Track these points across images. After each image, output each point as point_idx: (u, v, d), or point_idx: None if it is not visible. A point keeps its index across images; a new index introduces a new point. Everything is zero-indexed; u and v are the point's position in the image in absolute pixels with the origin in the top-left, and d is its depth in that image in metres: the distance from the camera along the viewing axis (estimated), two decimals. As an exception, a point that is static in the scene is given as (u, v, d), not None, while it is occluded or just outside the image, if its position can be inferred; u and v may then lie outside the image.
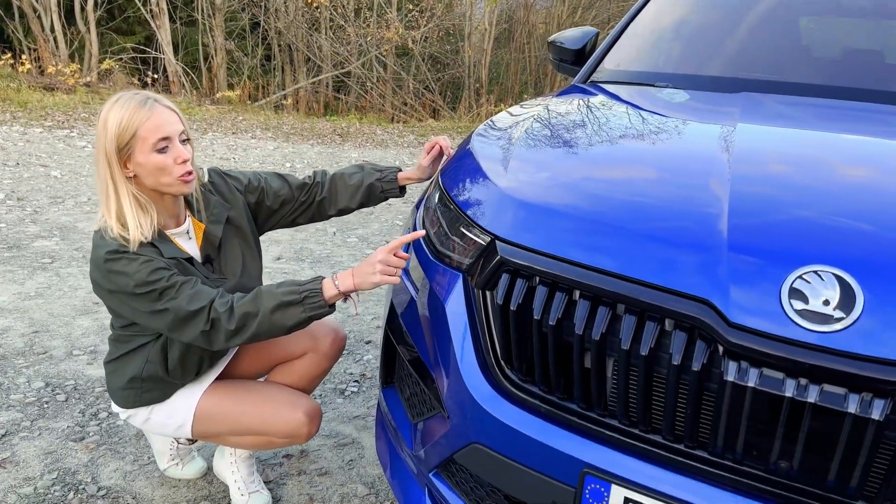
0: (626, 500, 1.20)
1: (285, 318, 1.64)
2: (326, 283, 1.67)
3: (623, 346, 1.19)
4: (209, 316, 1.65)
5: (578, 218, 1.34)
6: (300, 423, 1.89)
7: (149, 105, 1.69)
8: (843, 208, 1.27)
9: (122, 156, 1.69)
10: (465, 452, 1.41)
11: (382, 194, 2.11)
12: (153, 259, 1.68)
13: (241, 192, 2.01)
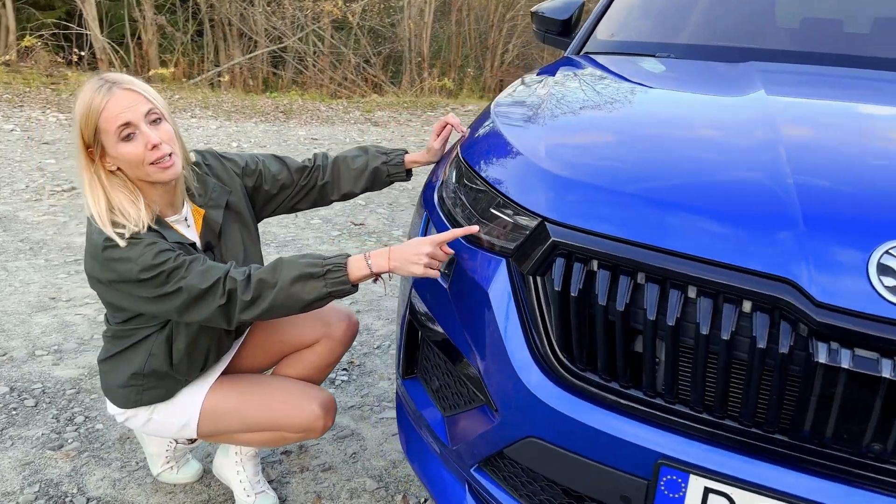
0: (706, 490, 1.16)
1: (304, 292, 1.52)
2: (354, 260, 1.54)
3: (702, 330, 1.13)
4: (224, 288, 1.52)
5: (640, 197, 1.27)
6: (315, 416, 1.79)
7: (104, 91, 1.52)
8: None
9: (95, 151, 1.55)
10: (518, 447, 1.34)
11: (388, 178, 2.00)
12: (156, 241, 1.55)
13: (238, 175, 1.87)
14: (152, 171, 1.58)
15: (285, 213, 2.01)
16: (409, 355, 1.73)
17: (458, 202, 1.61)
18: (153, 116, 1.58)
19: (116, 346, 1.77)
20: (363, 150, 2.01)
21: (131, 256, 1.53)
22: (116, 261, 1.54)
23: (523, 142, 1.53)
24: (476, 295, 1.42)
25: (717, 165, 1.33)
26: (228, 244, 1.81)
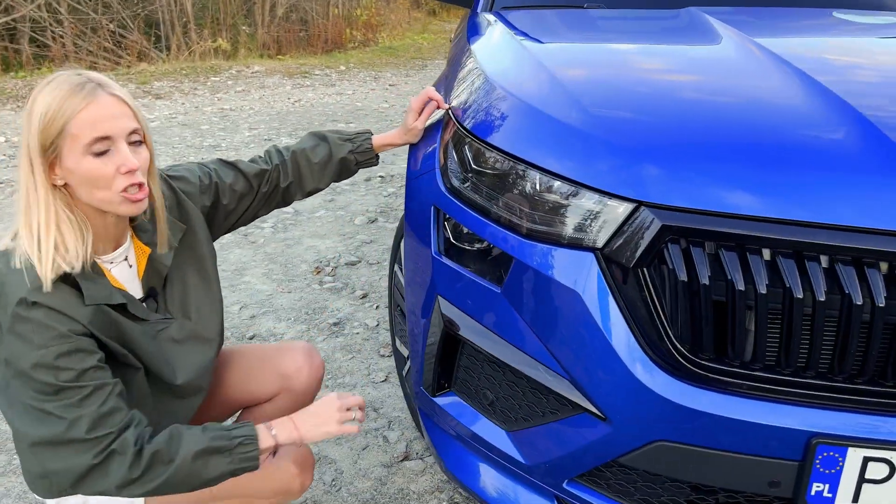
0: (864, 459, 1.13)
1: (207, 469, 1.29)
2: (261, 431, 1.33)
3: (856, 301, 1.09)
4: (108, 446, 1.23)
5: (741, 166, 1.19)
6: (291, 475, 1.47)
7: (87, 90, 1.20)
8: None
9: (47, 157, 1.21)
10: (641, 454, 1.23)
11: (357, 166, 1.74)
12: (71, 337, 1.21)
13: (193, 197, 1.51)
14: (116, 200, 1.24)
15: (245, 224, 1.68)
16: (445, 371, 1.53)
17: (485, 190, 1.42)
18: (135, 137, 1.26)
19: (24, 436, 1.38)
20: (320, 137, 1.72)
21: (34, 340, 1.20)
22: (16, 336, 1.20)
23: (572, 115, 1.36)
24: (558, 297, 1.27)
25: (781, 122, 1.28)
26: (177, 292, 1.46)
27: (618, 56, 1.74)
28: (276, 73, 8.87)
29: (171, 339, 1.42)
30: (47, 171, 1.22)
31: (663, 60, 1.69)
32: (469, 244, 1.46)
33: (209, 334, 1.51)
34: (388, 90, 7.90)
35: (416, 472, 2.07)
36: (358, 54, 10.55)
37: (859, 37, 1.83)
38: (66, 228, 1.24)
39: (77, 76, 1.23)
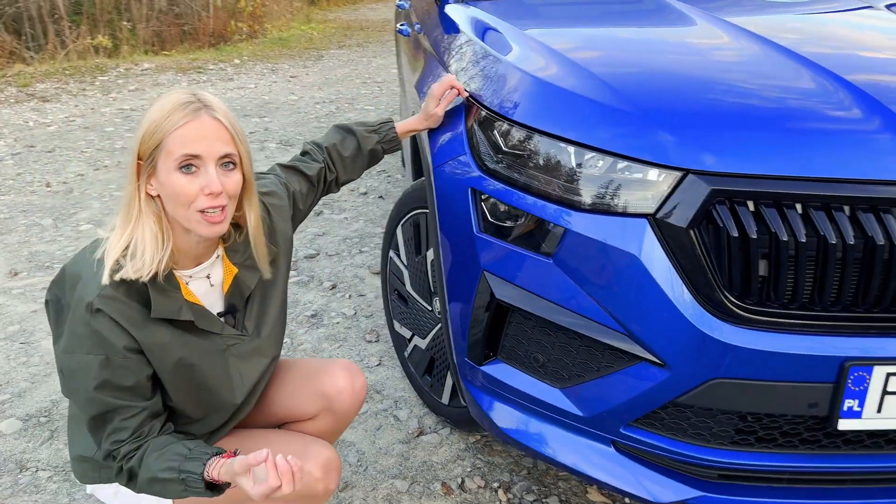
0: (887, 375, 1.34)
1: (165, 491, 1.33)
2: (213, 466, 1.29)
3: (878, 241, 1.29)
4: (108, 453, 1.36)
5: (770, 130, 1.37)
6: (314, 480, 1.47)
7: (191, 109, 1.26)
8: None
9: (145, 167, 1.27)
10: (698, 392, 1.40)
11: (384, 153, 1.82)
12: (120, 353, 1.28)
13: (281, 211, 1.56)
14: (194, 219, 1.28)
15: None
16: (490, 341, 1.64)
17: (530, 169, 1.53)
18: (228, 160, 1.30)
19: (71, 408, 1.52)
20: (347, 130, 1.77)
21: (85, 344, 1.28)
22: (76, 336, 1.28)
23: (608, 95, 1.50)
24: (615, 261, 1.41)
25: (786, 92, 1.47)
26: (255, 312, 1.50)
27: (619, 39, 1.89)
28: (167, 69, 8.54)
29: (239, 355, 1.46)
30: (146, 179, 1.27)
31: (660, 42, 1.86)
32: (510, 221, 1.57)
33: (272, 351, 1.55)
34: (290, 82, 7.79)
35: (434, 444, 2.17)
36: (248, 47, 10.30)
37: (812, 14, 2.07)
38: (148, 236, 1.28)
39: (187, 95, 1.28)
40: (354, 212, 4.03)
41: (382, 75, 8.11)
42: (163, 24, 11.25)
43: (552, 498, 1.97)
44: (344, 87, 7.47)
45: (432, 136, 1.83)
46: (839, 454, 1.44)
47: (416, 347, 2.27)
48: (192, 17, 11.33)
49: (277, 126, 5.89)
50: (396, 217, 2.24)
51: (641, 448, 1.51)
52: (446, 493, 1.99)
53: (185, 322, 1.36)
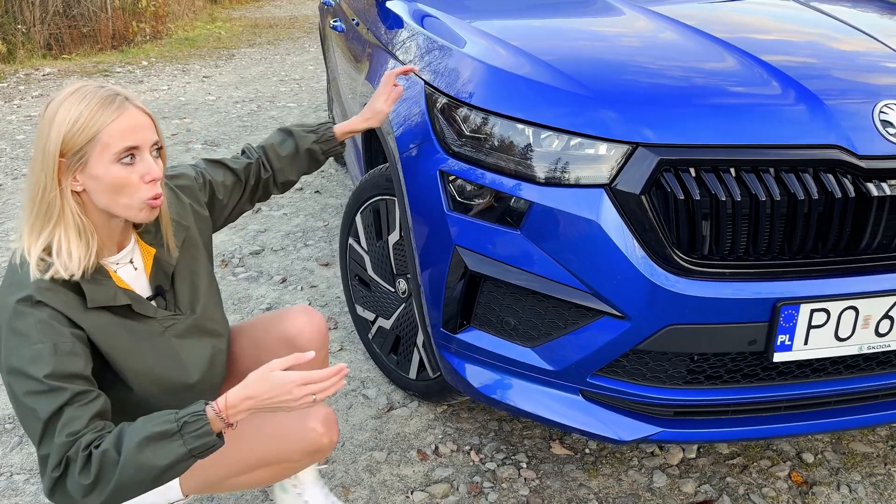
0: (811, 311, 1.57)
1: (157, 456, 1.23)
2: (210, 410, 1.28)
3: (800, 196, 1.51)
4: (63, 455, 1.23)
5: (705, 106, 1.57)
6: (319, 434, 1.52)
7: (118, 103, 1.31)
8: (832, 50, 1.76)
9: (71, 163, 1.30)
10: (656, 338, 1.59)
11: (324, 155, 1.88)
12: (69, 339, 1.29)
13: (191, 192, 1.62)
14: (136, 206, 1.34)
15: (233, 220, 1.79)
16: (464, 310, 1.79)
17: (495, 150, 1.68)
18: (157, 146, 1.38)
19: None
20: (286, 132, 1.84)
21: (31, 336, 1.26)
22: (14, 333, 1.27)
23: (562, 81, 1.67)
24: (577, 227, 1.58)
25: (720, 73, 1.68)
26: (182, 289, 1.55)
27: (559, 29, 2.06)
28: (71, 73, 8.25)
29: (179, 335, 1.51)
30: (68, 176, 1.30)
31: (596, 30, 2.05)
32: (478, 198, 1.72)
33: (215, 326, 1.60)
34: (204, 82, 7.68)
35: (405, 417, 2.31)
36: (154, 48, 10.05)
37: (728, 2, 2.31)
38: (73, 235, 1.32)
39: (102, 88, 1.32)
40: (293, 207, 4.09)
41: (299, 72, 8.10)
42: (60, 27, 10.82)
43: (520, 454, 2.14)
44: (261, 85, 7.43)
45: (395, 125, 1.95)
46: (775, 385, 1.67)
47: (380, 328, 2.39)
48: (91, 19, 10.93)
49: (199, 126, 5.83)
50: (355, 205, 2.35)
51: (606, 394, 1.69)
52: (422, 458, 2.13)
53: (122, 308, 1.40)
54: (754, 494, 1.98)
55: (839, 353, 1.60)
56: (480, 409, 2.33)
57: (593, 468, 2.09)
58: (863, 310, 1.58)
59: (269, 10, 15.25)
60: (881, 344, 1.62)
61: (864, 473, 2.05)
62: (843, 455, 2.12)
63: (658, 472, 2.06)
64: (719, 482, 2.03)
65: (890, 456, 2.12)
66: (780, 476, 2.05)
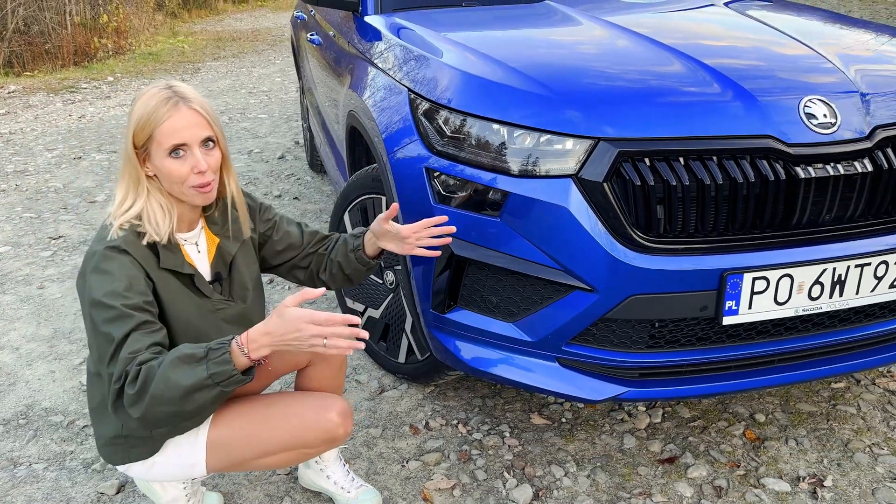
0: (753, 279, 1.81)
1: (182, 376, 1.38)
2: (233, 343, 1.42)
3: (739, 180, 1.76)
4: (123, 369, 1.43)
5: (656, 104, 1.81)
6: (335, 425, 1.68)
7: (171, 104, 1.54)
8: (763, 53, 2.02)
9: (140, 154, 1.57)
10: (621, 307, 1.81)
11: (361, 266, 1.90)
12: (143, 280, 1.55)
13: (252, 212, 1.84)
14: (189, 192, 1.60)
15: (281, 276, 1.96)
16: (451, 292, 2.00)
17: (474, 148, 1.89)
18: (209, 140, 1.60)
19: (97, 393, 1.70)
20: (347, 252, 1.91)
21: (114, 272, 1.52)
22: (100, 273, 1.52)
23: (532, 85, 1.89)
24: (549, 213, 1.80)
25: (665, 76, 1.92)
26: (238, 279, 1.76)
27: (524, 39, 2.29)
28: (36, 90, 8.29)
29: (225, 320, 1.73)
30: (141, 164, 1.58)
31: (557, 39, 2.27)
32: (461, 191, 1.93)
33: (257, 320, 1.79)
34: (173, 97, 7.78)
35: (396, 398, 2.51)
36: (118, 64, 10.09)
37: (670, 12, 2.57)
38: (156, 208, 1.59)
39: (166, 90, 1.56)
40: (273, 213, 4.26)
41: (267, 84, 8.25)
42: (21, 45, 10.78)
43: (503, 425, 2.35)
44: (230, 98, 7.57)
45: (382, 128, 2.16)
46: (725, 346, 1.91)
47: (369, 318, 2.58)
48: (51, 36, 10.91)
49: (173, 139, 5.95)
50: (343, 205, 2.55)
51: (579, 360, 1.91)
52: (414, 433, 2.33)
53: (185, 278, 1.64)
54: (713, 451, 2.22)
55: (778, 315, 1.85)
56: (465, 387, 2.54)
57: (570, 434, 2.31)
58: (797, 277, 1.82)
59: (230, 23, 15.31)
60: (814, 307, 1.87)
61: (809, 429, 2.31)
62: (791, 414, 2.38)
63: (628, 435, 2.30)
64: (682, 441, 2.26)
65: (831, 413, 2.38)
66: (735, 434, 2.29)
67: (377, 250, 1.89)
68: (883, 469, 2.12)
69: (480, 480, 2.12)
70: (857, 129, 1.84)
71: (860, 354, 2.02)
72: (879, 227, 1.89)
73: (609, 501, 2.04)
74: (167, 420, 1.46)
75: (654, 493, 2.05)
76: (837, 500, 2.01)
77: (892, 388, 2.50)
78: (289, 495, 2.07)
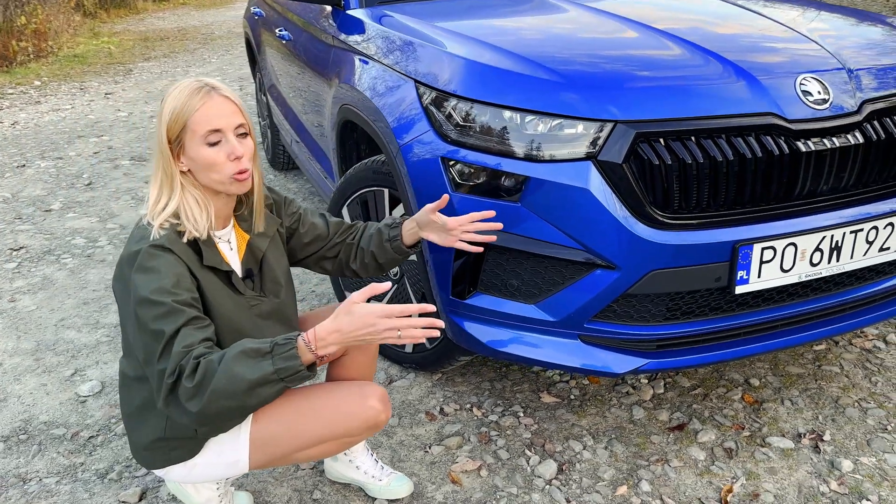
0: (762, 249, 1.92)
1: (248, 370, 1.39)
2: (301, 341, 1.43)
3: (748, 156, 1.86)
4: (178, 363, 1.43)
5: (667, 87, 1.89)
6: (377, 412, 1.70)
7: (203, 92, 1.55)
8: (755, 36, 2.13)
9: (174, 148, 1.56)
10: (642, 282, 1.89)
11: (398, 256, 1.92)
12: (188, 276, 1.55)
13: (278, 208, 1.83)
14: (226, 181, 1.59)
15: (308, 267, 1.97)
16: (472, 278, 2.04)
17: (495, 136, 1.93)
18: (242, 130, 1.60)
19: (133, 397, 1.70)
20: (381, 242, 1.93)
21: (160, 269, 1.51)
22: (145, 271, 1.50)
23: (543, 73, 1.94)
24: (571, 196, 1.86)
25: (666, 59, 2.01)
26: (270, 274, 1.77)
27: (519, 27, 2.35)
28: (-41, 97, 7.87)
29: (260, 316, 1.73)
30: (175, 160, 1.56)
31: (551, 26, 2.33)
32: (479, 178, 1.97)
33: (292, 316, 1.83)
34: (108, 99, 7.53)
35: (406, 387, 2.53)
36: (42, 67, 9.67)
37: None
38: (193, 204, 1.59)
39: (196, 82, 1.57)
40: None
41: (207, 84, 8.06)
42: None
43: (515, 406, 2.41)
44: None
45: (391, 120, 2.17)
46: (735, 314, 2.01)
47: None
48: (-33, 40, 10.36)
49: (120, 143, 5.78)
50: (341, 199, 2.55)
51: (601, 336, 1.99)
52: (431, 419, 2.36)
53: (224, 275, 1.64)
54: (718, 416, 2.34)
55: (784, 282, 1.96)
56: (471, 372, 2.59)
57: (581, 410, 2.39)
58: (800, 245, 1.94)
59: (153, 22, 14.84)
60: (814, 272, 1.99)
61: (801, 389, 2.45)
62: (782, 377, 2.52)
63: (636, 406, 2.39)
64: (687, 409, 2.37)
65: (818, 374, 2.53)
66: (734, 399, 2.42)
67: (416, 240, 1.90)
68: (873, 421, 2.28)
69: (504, 460, 2.17)
70: (847, 104, 1.96)
71: (853, 315, 2.16)
72: (869, 195, 2.03)
73: (630, 470, 2.12)
74: (227, 414, 1.46)
75: (671, 459, 2.15)
76: (838, 453, 2.15)
77: (867, 346, 2.68)
78: (318, 489, 2.08)
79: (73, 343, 2.89)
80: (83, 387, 2.58)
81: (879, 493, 2.00)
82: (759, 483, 2.05)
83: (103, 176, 4.98)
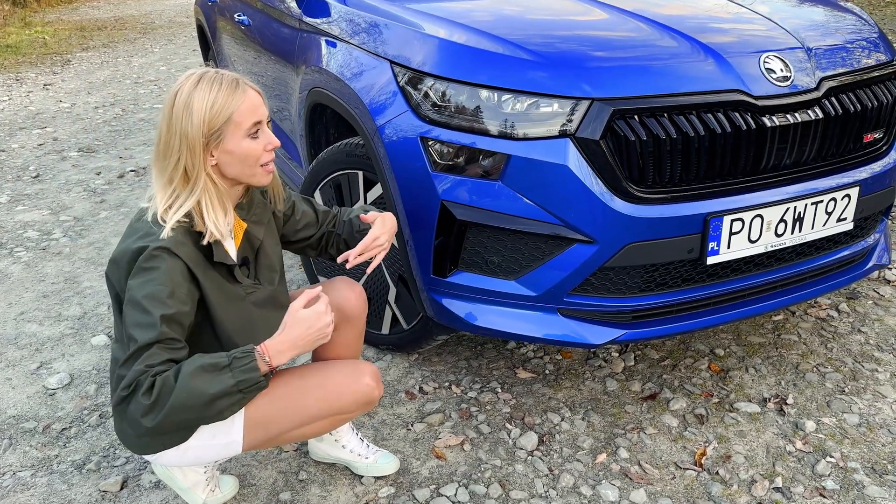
0: (731, 221, 2.00)
1: (208, 384, 1.43)
2: (256, 351, 1.50)
3: (717, 131, 1.93)
4: (135, 379, 1.44)
5: (640, 65, 1.95)
6: (370, 388, 1.74)
7: (241, 87, 1.58)
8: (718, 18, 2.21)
9: (209, 142, 1.55)
10: (619, 255, 1.95)
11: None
12: (185, 287, 1.53)
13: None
14: (259, 172, 1.62)
15: (292, 251, 2.00)
16: (452, 256, 2.07)
17: (472, 114, 1.96)
18: (270, 120, 1.65)
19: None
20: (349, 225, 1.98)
21: (158, 277, 1.50)
22: (147, 269, 1.49)
23: (521, 53, 1.98)
24: (550, 172, 1.91)
25: (638, 39, 2.07)
26: (266, 262, 1.77)
27: (498, 9, 2.38)
28: None
29: (256, 304, 1.73)
30: (207, 154, 1.55)
31: (529, 8, 2.37)
32: (459, 157, 2.00)
33: (285, 303, 1.82)
34: (48, 90, 7.28)
35: (384, 368, 2.55)
36: (-28, 58, 9.26)
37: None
38: (215, 202, 1.58)
39: (224, 75, 1.56)
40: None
41: (152, 74, 7.87)
42: None
43: (493, 382, 2.46)
44: (116, 89, 7.17)
45: (368, 102, 2.18)
46: (706, 284, 2.10)
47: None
48: None
49: (65, 135, 5.61)
50: (313, 182, 2.54)
51: (580, 309, 2.05)
52: (411, 398, 2.39)
53: (224, 269, 1.63)
54: (687, 384, 2.43)
55: (752, 252, 2.05)
56: (448, 352, 2.63)
57: (556, 384, 2.45)
58: (766, 216, 2.03)
59: (87, 11, 14.36)
60: (779, 243, 2.09)
61: (763, 357, 2.57)
62: (745, 346, 2.63)
63: (609, 378, 2.47)
64: (658, 379, 2.46)
65: (778, 342, 2.65)
66: (701, 369, 2.51)
67: None
68: (832, 384, 2.40)
69: (486, 434, 2.22)
70: (807, 81, 2.06)
71: (810, 284, 2.27)
72: (829, 168, 2.13)
73: (607, 439, 2.19)
74: (184, 425, 1.52)
75: (646, 427, 2.23)
76: (801, 414, 2.27)
77: (822, 315, 2.81)
78: (303, 469, 2.09)
79: (35, 336, 2.82)
80: (51, 379, 2.52)
81: (841, 450, 2.11)
82: (730, 446, 2.15)
83: (51, 168, 4.83)
